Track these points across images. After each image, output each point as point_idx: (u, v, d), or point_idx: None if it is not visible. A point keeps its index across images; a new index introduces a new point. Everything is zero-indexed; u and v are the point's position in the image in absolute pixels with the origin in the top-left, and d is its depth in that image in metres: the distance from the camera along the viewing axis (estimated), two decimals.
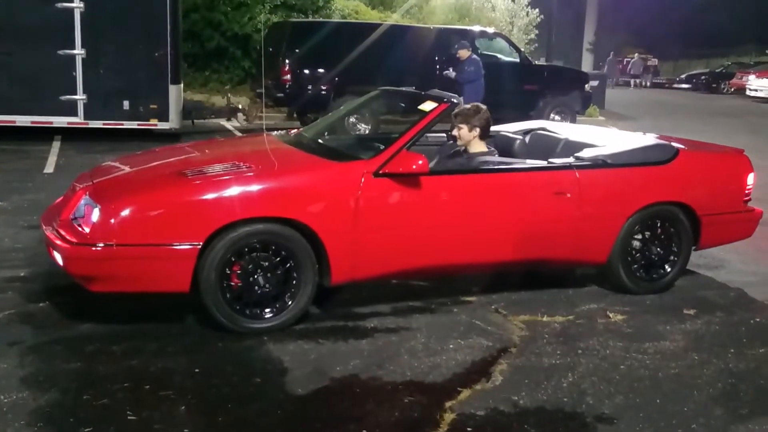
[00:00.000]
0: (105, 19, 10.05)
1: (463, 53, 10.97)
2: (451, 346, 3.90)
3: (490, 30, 15.15)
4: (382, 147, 4.25)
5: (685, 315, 4.53)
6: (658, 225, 4.85)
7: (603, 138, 5.21)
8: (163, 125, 10.67)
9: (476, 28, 14.42)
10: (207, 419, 3.08)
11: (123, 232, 3.67)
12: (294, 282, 3.96)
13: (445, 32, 13.49)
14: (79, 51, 10.03)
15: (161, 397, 3.22)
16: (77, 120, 10.28)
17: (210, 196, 3.80)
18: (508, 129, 5.61)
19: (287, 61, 11.91)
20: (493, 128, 5.42)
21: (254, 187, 3.89)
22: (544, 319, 4.36)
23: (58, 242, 3.77)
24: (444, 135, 5.45)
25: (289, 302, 3.98)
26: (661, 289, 4.88)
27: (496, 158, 4.76)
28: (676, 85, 33.29)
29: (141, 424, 3.00)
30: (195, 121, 12.12)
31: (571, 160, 4.72)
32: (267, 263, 3.90)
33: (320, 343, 3.85)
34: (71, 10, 9.90)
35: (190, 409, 3.15)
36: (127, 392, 3.24)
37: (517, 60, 13.64)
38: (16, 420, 2.95)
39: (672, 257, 4.89)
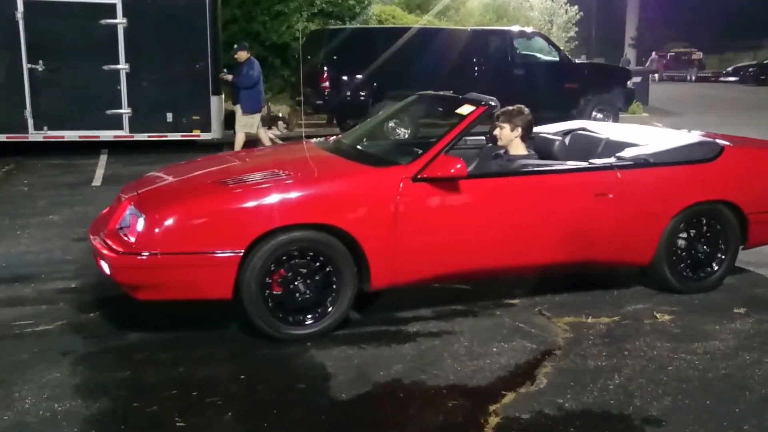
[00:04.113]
0: (147, 34, 10.28)
1: (242, 55, 10.02)
2: (494, 349, 3.88)
3: (529, 29, 15.03)
4: (420, 152, 4.24)
5: (735, 314, 4.42)
6: (704, 224, 4.75)
7: (645, 136, 5.10)
8: (205, 135, 10.86)
9: (514, 28, 14.32)
10: (252, 425, 3.12)
11: (167, 240, 3.75)
12: (334, 288, 3.98)
13: (483, 33, 13.44)
14: (123, 66, 10.27)
15: (208, 403, 3.28)
16: (123, 133, 10.53)
17: (250, 204, 3.86)
18: (547, 130, 5.54)
19: (325, 68, 12.01)
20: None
21: (293, 195, 3.93)
22: (589, 320, 4.31)
23: (105, 252, 3.86)
24: (483, 138, 5.44)
25: (330, 308, 3.99)
26: (708, 289, 4.78)
27: (537, 161, 4.71)
28: (722, 78, 32.52)
29: (189, 430, 3.06)
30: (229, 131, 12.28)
31: (612, 160, 4.65)
32: (307, 270, 3.93)
33: (363, 348, 3.87)
34: (115, 27, 10.15)
35: (236, 415, 3.19)
36: (175, 399, 3.31)
37: (557, 59, 13.49)
38: (69, 428, 3.04)
39: (719, 256, 4.78)
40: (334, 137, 5.56)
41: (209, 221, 3.82)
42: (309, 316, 3.98)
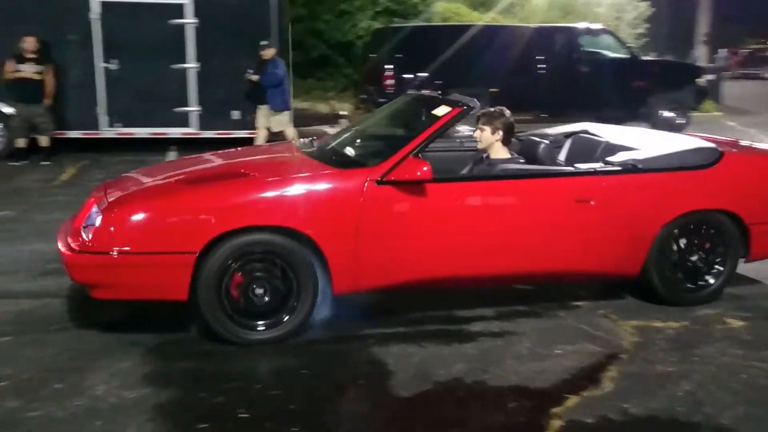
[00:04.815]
0: (215, 33, 10.48)
1: (268, 53, 9.69)
2: (557, 351, 3.82)
3: (596, 26, 14.72)
4: (389, 153, 4.05)
5: None
6: (700, 234, 4.46)
7: (647, 141, 4.77)
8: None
9: (580, 25, 14.06)
10: (314, 419, 3.15)
11: (120, 239, 3.68)
12: (294, 293, 3.85)
13: (547, 30, 13.25)
14: (192, 65, 10.51)
15: (271, 396, 3.33)
16: (191, 131, 10.78)
17: (206, 205, 3.78)
18: (548, 133, 5.33)
19: (389, 66, 12.04)
20: (533, 132, 5.26)
21: (251, 196, 3.83)
22: (657, 324, 4.19)
23: (62, 249, 3.84)
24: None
25: (288, 315, 3.87)
26: (703, 302, 4.48)
27: (517, 165, 4.47)
28: None
29: (252, 421, 3.12)
30: (301, 128, 12.43)
31: (597, 165, 4.43)
32: (267, 274, 3.83)
33: (423, 347, 3.86)
34: (184, 26, 10.40)
35: (298, 408, 3.23)
36: (239, 391, 3.37)
37: (624, 56, 13.18)
38: (139, 415, 3.13)
39: (716, 268, 4.49)
40: (322, 139, 5.29)
41: (163, 221, 3.75)
42: (267, 321, 3.86)
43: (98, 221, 3.78)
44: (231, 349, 3.80)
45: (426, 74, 11.75)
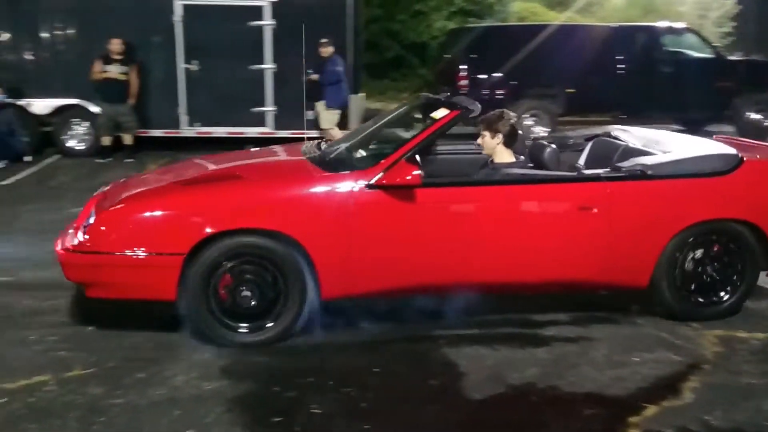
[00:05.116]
0: (291, 35, 10.64)
1: (327, 50, 9.52)
2: (635, 359, 3.72)
3: (678, 25, 14.24)
4: (382, 157, 3.96)
5: None
6: (716, 245, 4.19)
7: (668, 145, 4.48)
8: (344, 132, 11.11)
9: (662, 24, 13.61)
10: (385, 417, 3.16)
11: (111, 239, 3.75)
12: (282, 296, 3.82)
13: (627, 30, 12.87)
14: (269, 65, 10.71)
15: (343, 393, 3.36)
16: (267, 130, 10.98)
17: (193, 207, 3.80)
18: (570, 135, 5.14)
19: (463, 66, 11.96)
20: (557, 135, 5.05)
21: (240, 198, 3.86)
22: (742, 335, 4.02)
23: (57, 248, 3.91)
24: None
25: (276, 318, 3.84)
26: (719, 316, 4.22)
27: (520, 169, 4.29)
28: None
29: (324, 417, 3.15)
30: None
31: (601, 170, 4.22)
32: (256, 277, 3.80)
33: (496, 350, 3.82)
34: (261, 28, 10.61)
35: (370, 406, 3.25)
36: (312, 386, 3.41)
37: (709, 56, 12.70)
38: (215, 406, 3.21)
39: (734, 281, 4.21)
40: (327, 141, 5.14)
41: (152, 222, 3.78)
42: (250, 325, 3.84)
43: (92, 221, 3.88)
44: (305, 346, 3.86)
45: (501, 75, 11.62)
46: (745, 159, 4.25)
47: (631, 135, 4.83)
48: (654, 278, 4.14)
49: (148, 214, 3.83)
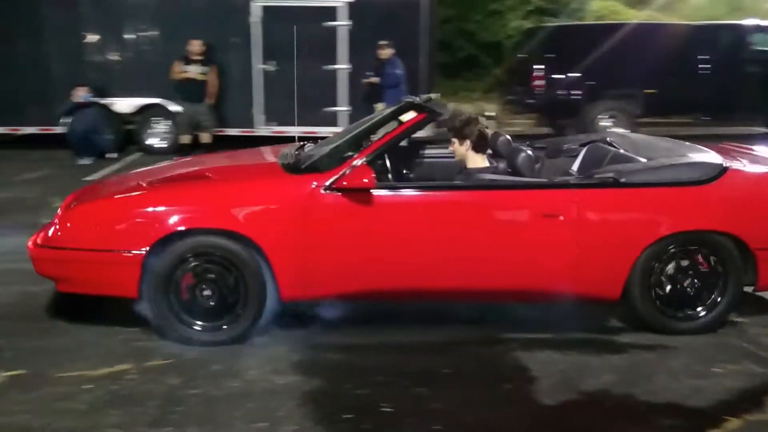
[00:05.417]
0: (365, 35, 10.73)
1: (386, 52, 9.30)
2: (716, 369, 3.58)
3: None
4: (343, 160, 3.93)
5: None
6: (696, 257, 3.98)
7: (658, 152, 4.32)
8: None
9: (749, 22, 13.06)
10: (456, 418, 3.15)
11: (73, 236, 3.86)
12: (242, 297, 3.83)
13: (710, 28, 12.40)
14: (344, 66, 10.82)
15: (415, 393, 3.36)
16: (340, 130, 11.09)
17: (154, 205, 3.84)
18: (565, 140, 5.01)
19: (539, 66, 11.77)
20: (552, 140, 4.98)
21: (200, 198, 3.90)
22: None
23: (29, 243, 4.03)
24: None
25: (228, 324, 3.86)
26: (698, 331, 4.00)
27: (492, 175, 4.18)
28: None
29: (395, 416, 3.16)
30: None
31: (571, 177, 4.06)
32: (216, 277, 3.82)
33: (569, 355, 3.75)
34: (336, 28, 10.73)
35: (441, 407, 3.24)
36: (384, 385, 3.43)
37: None
38: (288, 400, 3.27)
39: (713, 296, 3.99)
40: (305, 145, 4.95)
41: (113, 220, 3.85)
42: (205, 324, 3.85)
43: (58, 218, 4.01)
44: (376, 344, 3.88)
45: (578, 75, 11.39)
46: (728, 168, 4.04)
47: (626, 141, 4.70)
48: (626, 290, 3.97)
49: (109, 212, 3.94)
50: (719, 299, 3.99)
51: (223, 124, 10.64)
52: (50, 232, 3.98)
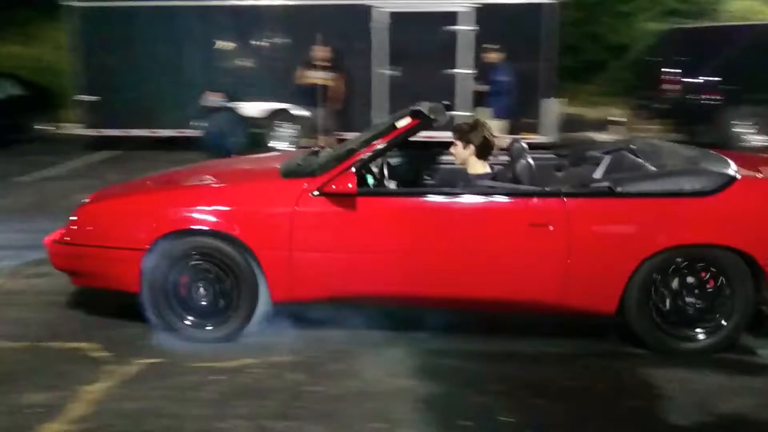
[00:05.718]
0: (489, 40, 10.63)
1: (493, 56, 8.79)
2: None
3: None
4: (334, 165, 3.95)
5: None
6: (701, 274, 3.72)
7: (672, 161, 4.08)
8: (536, 138, 10.89)
9: None
10: None
11: (85, 233, 4.11)
12: (234, 299, 3.94)
13: None
14: (467, 70, 10.76)
15: (534, 404, 3.28)
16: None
17: (154, 206, 4.06)
18: (588, 147, 4.83)
19: (670, 70, 11.22)
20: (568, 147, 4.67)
21: (194, 200, 4.01)
22: None
23: (46, 239, 4.28)
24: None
25: (214, 325, 3.99)
26: (701, 353, 3.73)
27: (490, 181, 4.09)
28: None
29: (513, 427, 3.09)
30: (569, 134, 12.11)
31: (564, 186, 3.82)
32: (213, 276, 3.95)
33: (705, 374, 3.54)
34: (456, 33, 10.69)
35: (559, 421, 3.14)
36: (504, 394, 3.36)
37: None
38: (404, 403, 3.28)
39: (717, 316, 3.72)
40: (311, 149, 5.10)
41: (117, 219, 4.10)
42: (194, 321, 4.00)
43: (73, 216, 4.25)
44: (497, 352, 3.82)
45: (717, 78, 10.75)
46: (736, 179, 3.76)
47: (650, 148, 4.46)
48: (623, 305, 3.77)
49: (115, 211, 4.20)
50: (723, 319, 3.75)
51: (344, 129, 10.86)
52: (65, 229, 4.28)
